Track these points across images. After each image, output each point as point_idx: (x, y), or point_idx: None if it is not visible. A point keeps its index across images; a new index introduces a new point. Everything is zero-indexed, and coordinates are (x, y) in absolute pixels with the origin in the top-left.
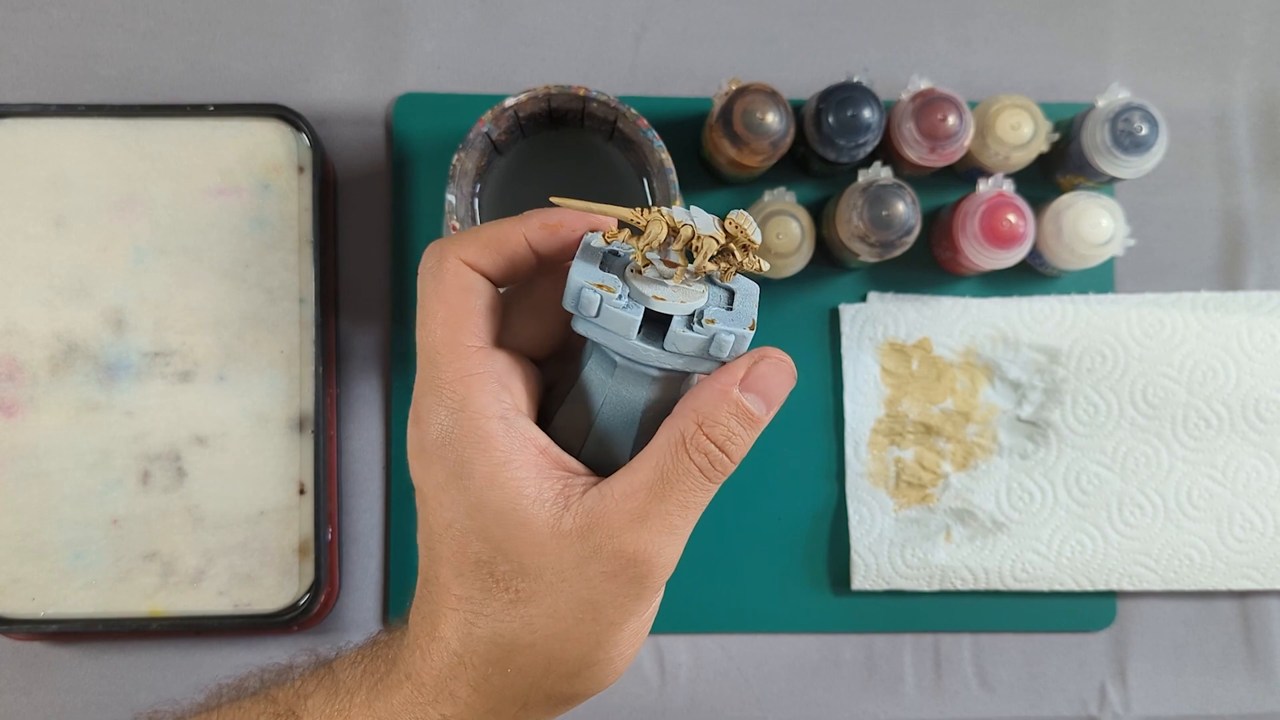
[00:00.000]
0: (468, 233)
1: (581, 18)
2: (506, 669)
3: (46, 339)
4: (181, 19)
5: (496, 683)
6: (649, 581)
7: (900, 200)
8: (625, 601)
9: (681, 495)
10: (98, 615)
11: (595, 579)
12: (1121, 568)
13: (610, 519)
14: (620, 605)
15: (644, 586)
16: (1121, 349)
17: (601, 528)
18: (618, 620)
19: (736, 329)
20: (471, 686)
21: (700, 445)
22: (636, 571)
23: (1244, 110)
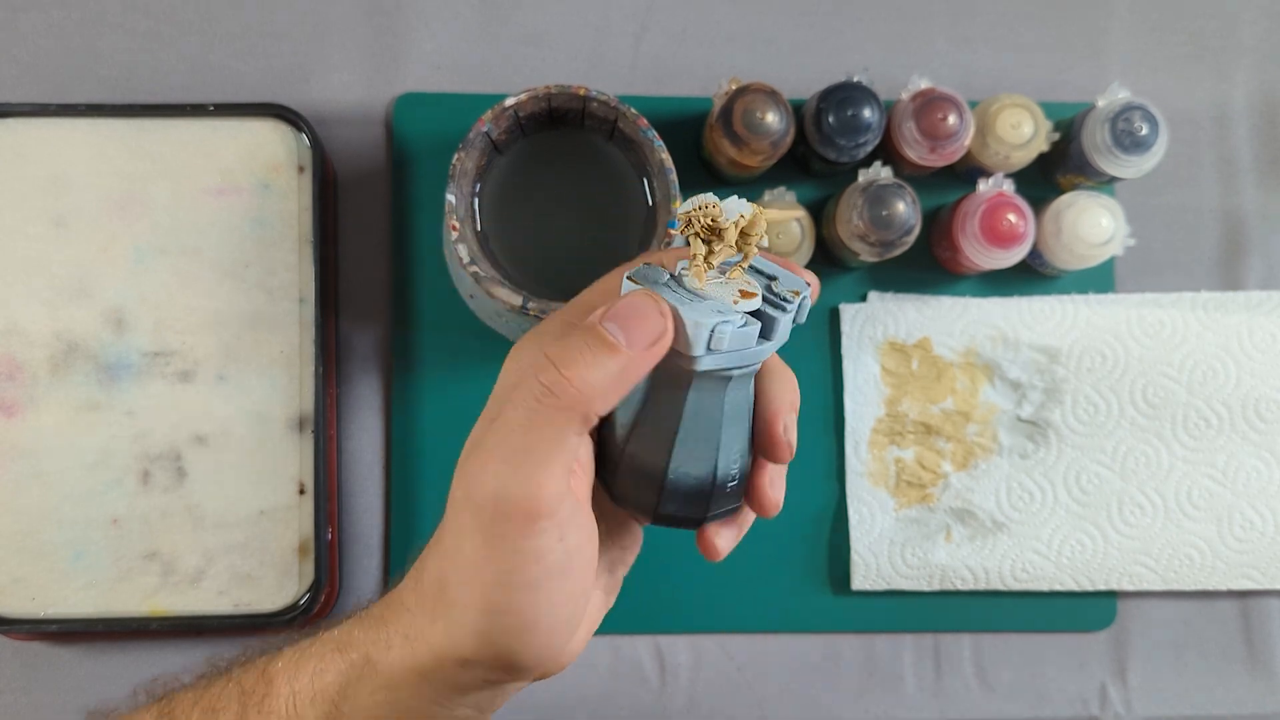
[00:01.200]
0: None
1: (581, 18)
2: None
3: (47, 339)
4: (181, 19)
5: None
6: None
7: (900, 200)
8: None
9: (520, 416)
10: (98, 615)
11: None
12: (1122, 567)
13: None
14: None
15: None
16: (1121, 349)
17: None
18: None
19: (803, 289)
20: (413, 586)
21: (539, 365)
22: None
23: (1244, 110)
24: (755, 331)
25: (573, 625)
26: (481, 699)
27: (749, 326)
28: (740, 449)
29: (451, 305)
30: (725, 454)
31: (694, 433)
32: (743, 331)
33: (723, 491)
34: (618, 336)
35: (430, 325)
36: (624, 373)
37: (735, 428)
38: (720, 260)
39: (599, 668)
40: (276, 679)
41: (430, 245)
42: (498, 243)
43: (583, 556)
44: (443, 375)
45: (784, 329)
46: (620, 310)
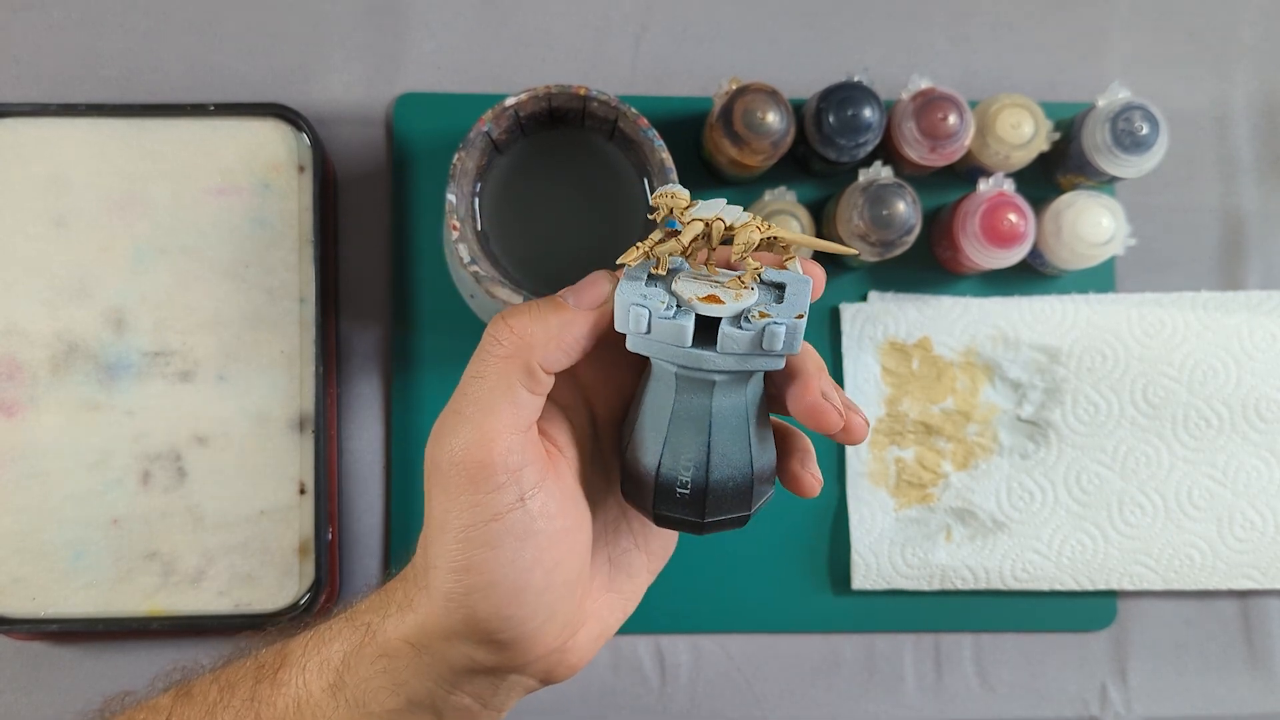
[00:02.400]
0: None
1: (581, 18)
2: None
3: (47, 339)
4: (181, 19)
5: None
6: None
7: (901, 200)
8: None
9: (469, 369)
10: (98, 615)
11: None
12: (1122, 567)
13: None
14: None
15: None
16: (1122, 348)
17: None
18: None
19: (786, 319)
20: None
21: (492, 320)
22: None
23: (1244, 110)
24: (686, 327)
25: (555, 606)
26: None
27: (678, 319)
28: (691, 456)
29: (451, 305)
30: (670, 452)
31: (642, 423)
32: (671, 324)
33: (669, 493)
34: (567, 299)
35: (430, 325)
36: (566, 326)
37: (688, 435)
38: (664, 252)
39: (599, 667)
40: (292, 654)
41: (430, 245)
42: (498, 242)
43: (554, 524)
44: (443, 375)
45: (735, 345)
46: (579, 284)
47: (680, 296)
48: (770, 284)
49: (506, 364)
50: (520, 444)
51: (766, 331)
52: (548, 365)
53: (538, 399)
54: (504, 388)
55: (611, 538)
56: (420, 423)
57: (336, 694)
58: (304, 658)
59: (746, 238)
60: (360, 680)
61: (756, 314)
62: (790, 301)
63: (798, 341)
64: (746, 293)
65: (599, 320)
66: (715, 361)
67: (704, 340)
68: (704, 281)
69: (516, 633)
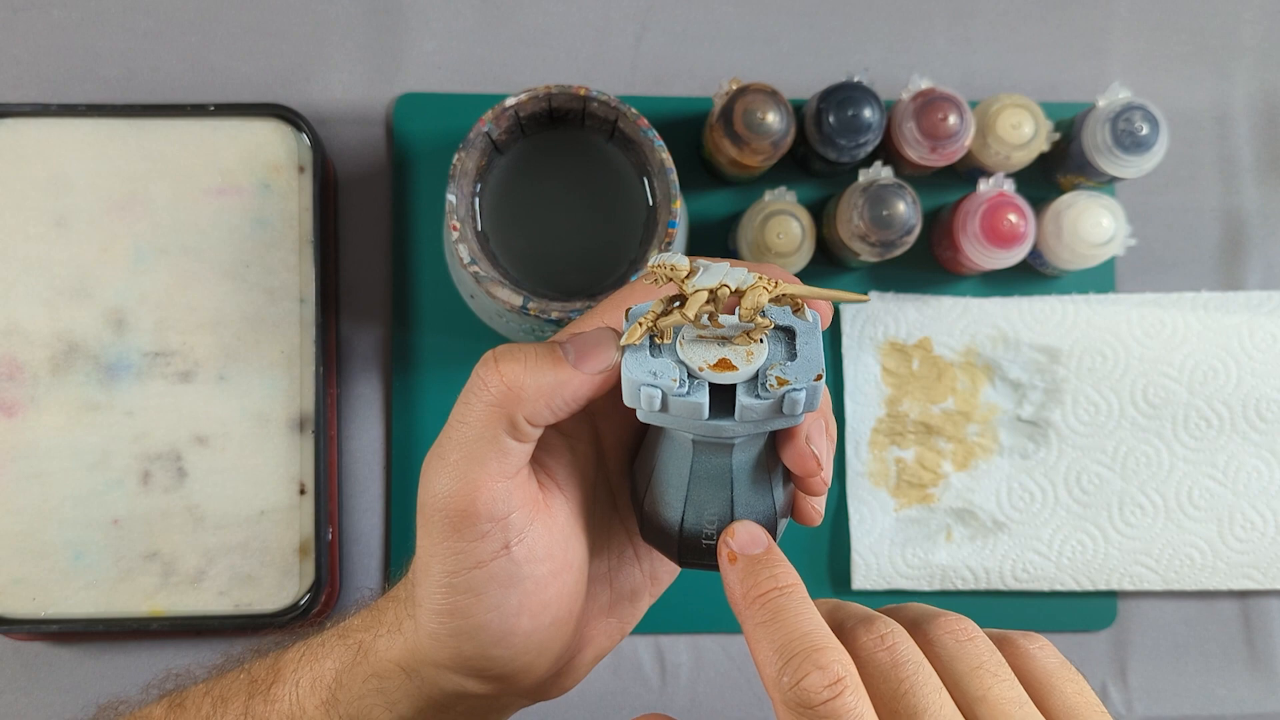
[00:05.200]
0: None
1: (581, 18)
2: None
3: (47, 339)
4: (181, 19)
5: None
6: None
7: (901, 200)
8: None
9: (456, 412)
10: (98, 615)
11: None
12: (1122, 568)
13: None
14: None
15: (422, 513)
16: (1122, 349)
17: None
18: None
19: (805, 383)
20: (404, 584)
21: (483, 359)
22: (420, 500)
23: (1244, 110)
24: (701, 405)
25: (545, 645)
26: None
27: (691, 397)
28: (715, 511)
29: (451, 305)
30: (693, 509)
31: (660, 481)
32: (686, 401)
33: (695, 545)
34: (567, 354)
35: (430, 325)
36: (559, 386)
37: (710, 492)
38: (668, 326)
39: (599, 668)
40: (285, 669)
41: (430, 245)
42: (498, 243)
43: (540, 569)
44: (443, 375)
45: (754, 414)
46: (581, 338)
47: (690, 365)
48: (778, 329)
49: (491, 412)
50: (506, 490)
51: (787, 399)
52: (534, 420)
53: (526, 445)
54: (489, 437)
55: (616, 564)
56: (420, 423)
57: (330, 711)
58: (296, 673)
59: (755, 301)
60: (354, 699)
61: (774, 380)
62: (804, 357)
63: (817, 400)
64: (757, 347)
65: (600, 385)
66: (734, 430)
67: (720, 403)
68: (710, 341)
69: (506, 669)
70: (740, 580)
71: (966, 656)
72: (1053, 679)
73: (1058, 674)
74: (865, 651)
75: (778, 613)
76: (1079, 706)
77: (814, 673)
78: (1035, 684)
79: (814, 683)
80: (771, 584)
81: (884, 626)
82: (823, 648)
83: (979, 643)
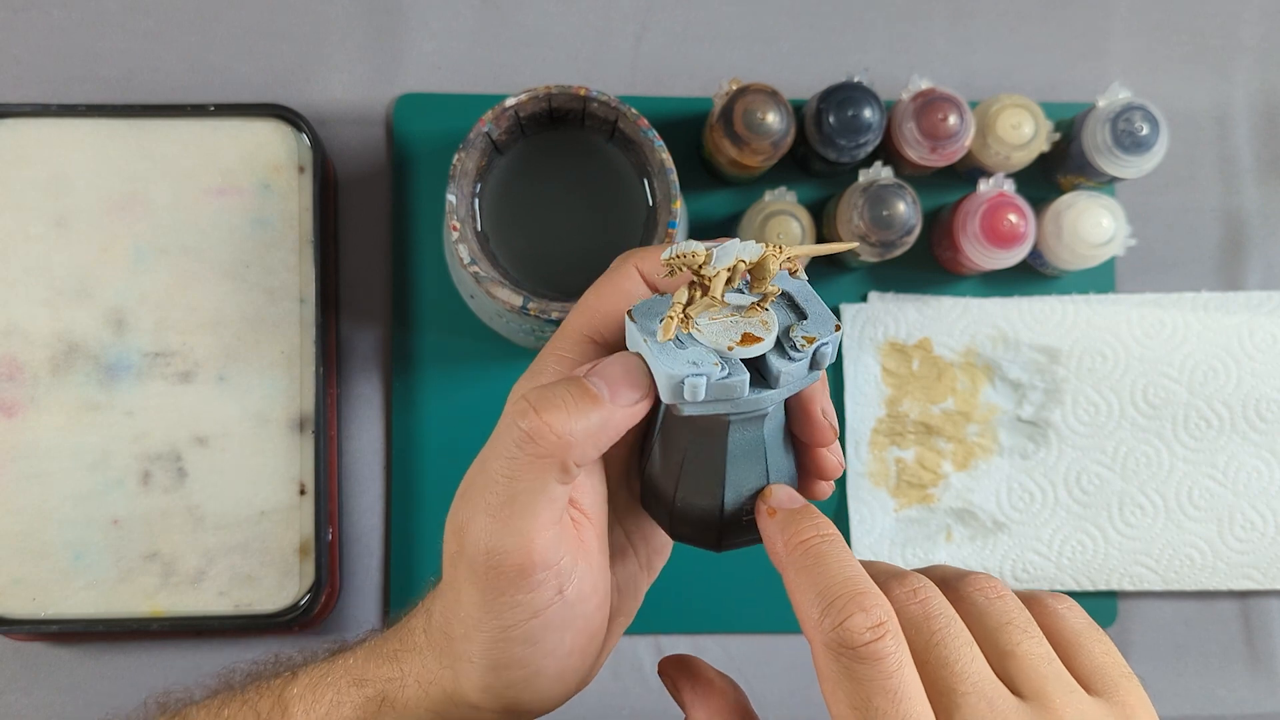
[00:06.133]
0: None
1: (581, 18)
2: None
3: (47, 339)
4: (181, 19)
5: (437, 636)
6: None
7: (901, 200)
8: (473, 592)
9: (498, 465)
10: (98, 615)
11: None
12: (1122, 568)
13: (457, 497)
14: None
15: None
16: (1122, 349)
17: (454, 508)
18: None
19: (830, 336)
20: (424, 628)
21: (519, 409)
22: (464, 555)
23: (1244, 110)
24: (744, 381)
25: (584, 669)
26: None
27: (733, 377)
28: (753, 484)
29: (451, 305)
30: (733, 490)
31: (740, 471)
32: (725, 383)
33: (736, 523)
34: (601, 390)
35: (430, 325)
36: (605, 426)
37: (747, 464)
38: (702, 312)
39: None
40: (292, 706)
41: (430, 245)
42: (498, 243)
43: (589, 605)
44: (443, 375)
45: (793, 377)
46: (605, 369)
47: (718, 349)
48: (789, 301)
49: (542, 464)
50: (556, 537)
51: (818, 354)
52: (581, 463)
53: (569, 487)
54: (540, 488)
55: (618, 564)
56: (420, 423)
57: None
58: (308, 714)
59: (770, 269)
60: None
61: (802, 339)
62: (814, 313)
63: (835, 351)
64: (768, 315)
65: (639, 413)
66: (774, 398)
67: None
68: (721, 320)
69: (548, 705)
70: (782, 530)
71: (996, 613)
72: (1080, 638)
73: (1085, 634)
74: (898, 604)
75: (820, 558)
76: (1107, 666)
77: (857, 614)
78: (1063, 643)
79: (857, 624)
80: (813, 531)
81: (916, 581)
82: (866, 591)
83: (1008, 600)
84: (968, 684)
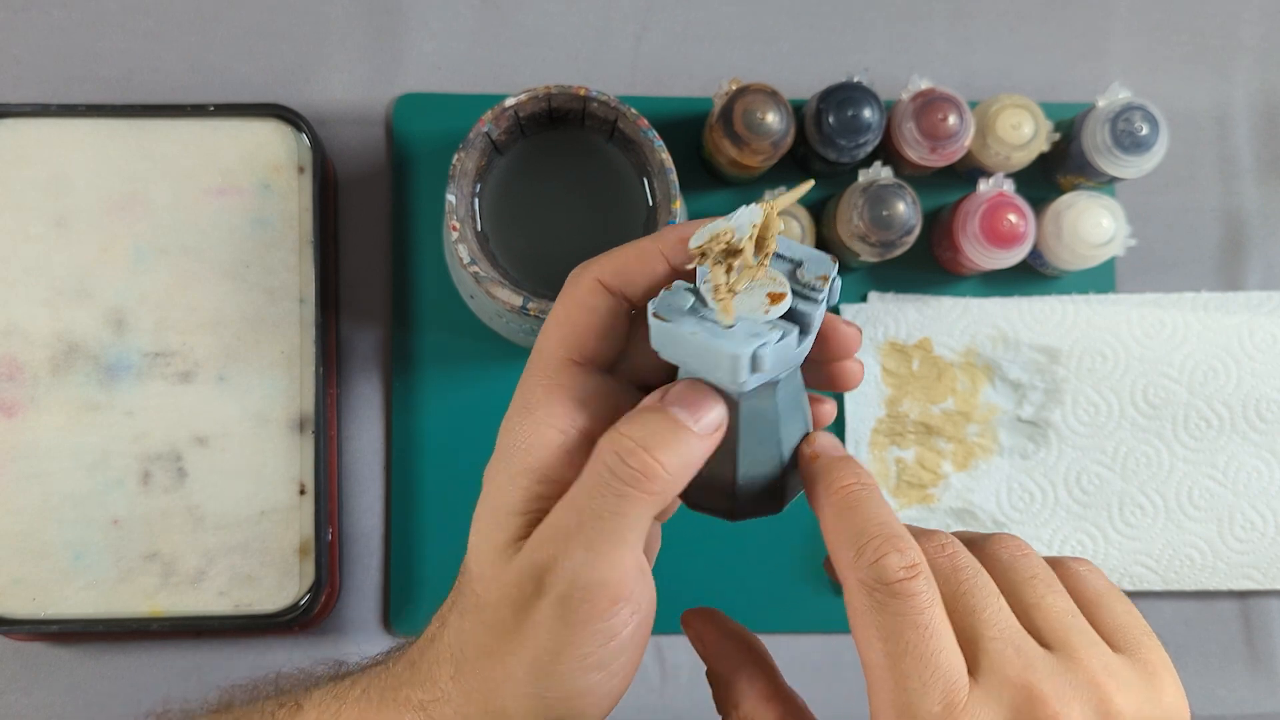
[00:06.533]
0: (607, 253)
1: (581, 18)
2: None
3: (47, 339)
4: (181, 19)
5: (472, 680)
6: (571, 599)
7: (900, 200)
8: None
9: (600, 503)
10: (98, 615)
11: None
12: (1122, 568)
13: (536, 538)
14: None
15: (566, 605)
16: (1122, 349)
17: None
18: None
19: (830, 270)
20: (450, 675)
21: (625, 448)
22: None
23: (1244, 110)
24: (795, 337)
25: (627, 685)
26: None
27: (788, 337)
28: (800, 430)
29: (451, 305)
30: (787, 445)
31: (754, 441)
32: (783, 345)
33: (750, 493)
34: (688, 421)
35: (430, 325)
36: (700, 456)
37: (792, 415)
38: (745, 282)
39: None
40: None
41: (430, 245)
42: (498, 243)
43: (648, 623)
44: (443, 375)
45: (819, 319)
46: (684, 398)
47: (750, 317)
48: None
49: (650, 500)
50: (642, 565)
51: (833, 288)
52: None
53: None
54: (643, 523)
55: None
56: (420, 423)
57: None
58: None
59: (771, 227)
60: None
61: (817, 279)
62: (805, 254)
63: (838, 291)
64: (772, 270)
65: (719, 437)
66: (806, 349)
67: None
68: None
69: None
70: (823, 474)
71: (1021, 568)
72: (1103, 598)
73: (1108, 594)
74: (928, 556)
75: (859, 503)
76: (1129, 625)
77: (893, 554)
78: (1086, 602)
79: (893, 562)
80: (854, 479)
81: (944, 537)
82: (901, 535)
83: (1033, 558)
84: (994, 630)
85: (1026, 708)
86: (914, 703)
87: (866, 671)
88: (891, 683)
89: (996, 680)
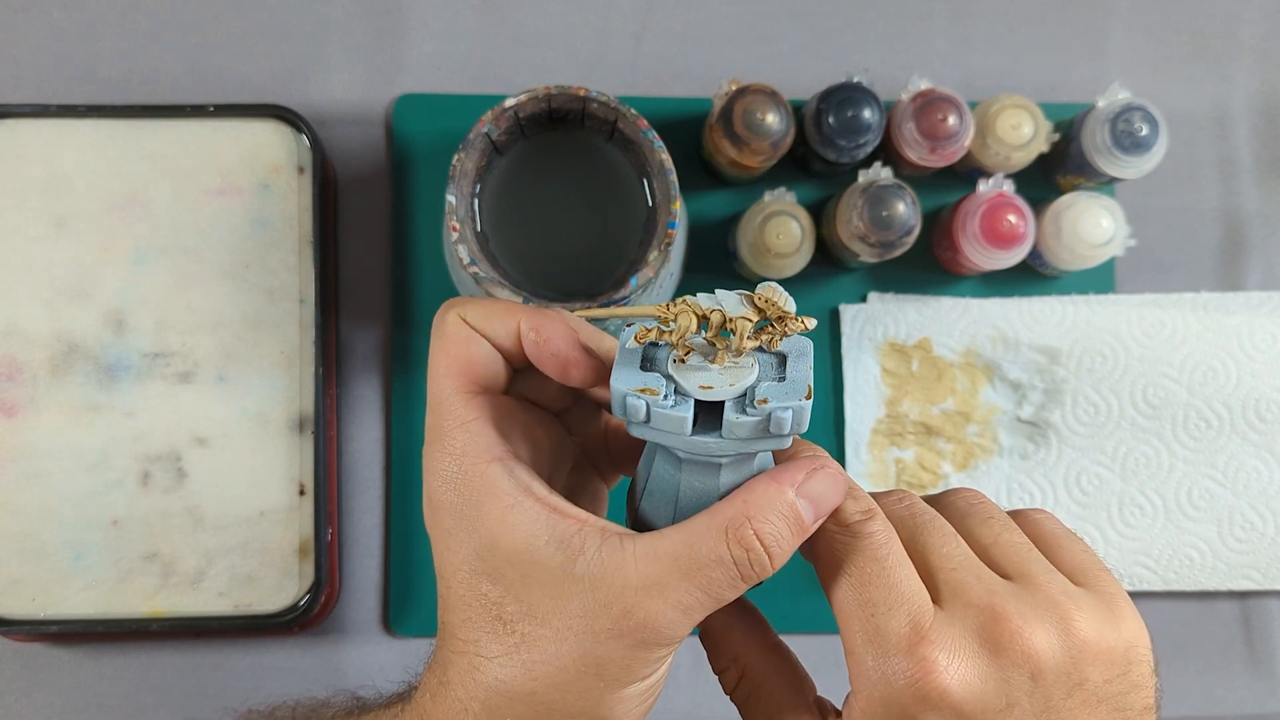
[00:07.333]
0: (474, 298)
1: (581, 18)
2: (505, 717)
3: (47, 339)
4: (181, 19)
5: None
6: (654, 650)
7: (900, 200)
8: (629, 663)
9: (706, 580)
10: (98, 616)
11: (600, 634)
12: (1122, 568)
13: (625, 576)
14: (624, 665)
15: (649, 652)
16: (1122, 349)
17: (614, 582)
18: (621, 679)
19: (792, 402)
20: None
21: (744, 538)
22: (642, 636)
23: (1244, 110)
24: (686, 418)
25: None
26: None
27: (678, 409)
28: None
29: None
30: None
31: (651, 497)
32: (670, 414)
33: None
34: (808, 517)
35: (430, 325)
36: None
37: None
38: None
39: None
40: None
41: (430, 245)
42: (498, 243)
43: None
44: None
45: (742, 432)
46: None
47: (680, 383)
48: (771, 354)
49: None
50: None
51: (773, 418)
52: None
53: None
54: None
55: None
56: (420, 423)
57: None
58: None
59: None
60: None
61: (758, 399)
62: (794, 377)
63: (805, 421)
64: (748, 370)
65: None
66: (720, 447)
67: (709, 422)
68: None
69: None
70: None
71: (977, 513)
72: (1059, 539)
73: (1064, 536)
74: (886, 508)
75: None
76: (1086, 563)
77: (848, 500)
78: (1043, 543)
79: (849, 507)
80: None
81: (900, 492)
82: (856, 487)
83: (989, 504)
84: (954, 562)
85: (991, 626)
86: (882, 626)
87: (838, 616)
88: (860, 613)
89: (960, 603)
